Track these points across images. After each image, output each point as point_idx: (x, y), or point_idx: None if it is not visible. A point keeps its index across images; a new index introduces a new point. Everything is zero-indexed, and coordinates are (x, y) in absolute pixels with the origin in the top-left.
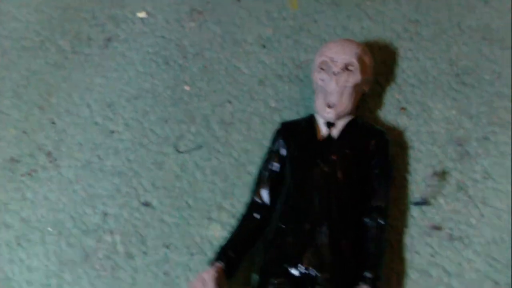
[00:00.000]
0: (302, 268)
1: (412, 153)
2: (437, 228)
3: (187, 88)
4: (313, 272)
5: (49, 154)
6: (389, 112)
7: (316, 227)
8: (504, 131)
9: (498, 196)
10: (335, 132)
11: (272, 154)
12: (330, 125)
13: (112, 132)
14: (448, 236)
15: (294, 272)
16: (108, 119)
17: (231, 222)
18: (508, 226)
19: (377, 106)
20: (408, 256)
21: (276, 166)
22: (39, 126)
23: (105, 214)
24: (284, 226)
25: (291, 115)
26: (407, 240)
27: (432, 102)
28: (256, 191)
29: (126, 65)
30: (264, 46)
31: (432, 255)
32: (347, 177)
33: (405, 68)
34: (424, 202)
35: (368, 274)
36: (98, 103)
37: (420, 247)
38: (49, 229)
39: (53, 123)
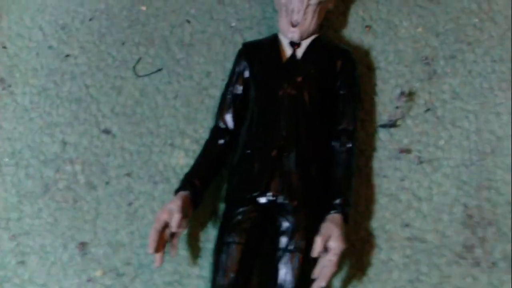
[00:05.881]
0: (270, 196)
1: (379, 74)
2: (406, 151)
3: (143, 8)
4: (281, 199)
5: (1, 80)
6: (354, 31)
7: (283, 152)
8: (472, 49)
9: (466, 117)
10: (300, 52)
11: (234, 76)
12: (294, 45)
13: (68, 56)
14: (417, 159)
15: (262, 200)
16: (62, 42)
17: (195, 148)
18: (477, 147)
19: (342, 24)
20: (377, 180)
21: (239, 89)
22: None
23: (64, 143)
24: (249, 152)
25: (253, 35)
26: (376, 164)
27: (398, 19)
28: (219, 116)
29: None
30: None
31: (401, 179)
32: (314, 99)
33: None
34: (392, 124)
35: (337, 201)
36: (51, 26)
37: (389, 171)
38: (6, 159)
39: (4, 47)
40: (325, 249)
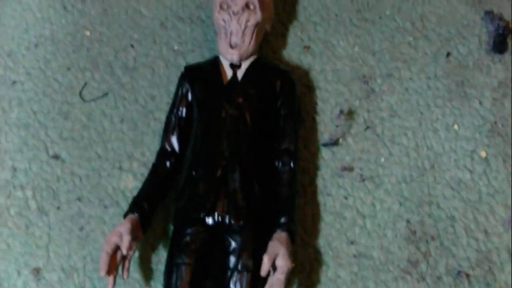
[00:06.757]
0: (217, 216)
1: (318, 93)
2: (348, 169)
3: (87, 33)
4: (227, 219)
5: None
6: (292, 51)
7: (227, 172)
8: (407, 66)
9: (405, 134)
10: (240, 73)
11: (178, 99)
12: (234, 66)
13: (14, 82)
14: (359, 177)
15: (209, 220)
16: (8, 69)
17: (143, 171)
18: (417, 164)
19: (281, 45)
20: (321, 199)
21: (183, 111)
22: None
23: (14, 169)
24: (195, 173)
25: (195, 58)
26: (319, 182)
27: (335, 39)
28: (165, 138)
29: (23, 12)
30: None
31: (345, 197)
32: (255, 119)
33: (306, 6)
34: (333, 143)
35: (282, 219)
36: None
37: (333, 189)
38: None
39: None
40: (273, 268)
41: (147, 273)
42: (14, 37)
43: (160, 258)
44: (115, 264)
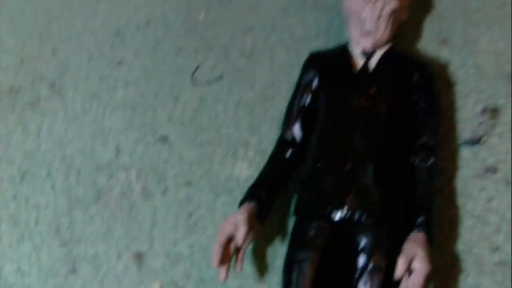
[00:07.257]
0: (346, 212)
1: (458, 89)
2: (492, 170)
3: (201, 15)
4: (357, 215)
5: (52, 84)
6: (428, 43)
7: (359, 166)
8: None
9: None
10: (373, 62)
11: (302, 87)
12: (367, 55)
13: (121, 61)
14: (504, 180)
15: (336, 215)
16: (116, 47)
17: (259, 160)
18: None
19: (415, 36)
20: (461, 201)
21: (307, 100)
22: (39, 55)
23: (118, 149)
24: (321, 166)
25: (318, 46)
26: (459, 183)
27: (476, 33)
28: (286, 127)
29: None
30: None
31: (488, 200)
32: (389, 111)
33: None
34: (475, 141)
35: (420, 219)
36: (104, 31)
37: (474, 191)
38: (56, 164)
39: (54, 52)
40: (409, 271)
41: (261, 267)
42: (123, 16)
43: (276, 252)
44: (228, 255)
